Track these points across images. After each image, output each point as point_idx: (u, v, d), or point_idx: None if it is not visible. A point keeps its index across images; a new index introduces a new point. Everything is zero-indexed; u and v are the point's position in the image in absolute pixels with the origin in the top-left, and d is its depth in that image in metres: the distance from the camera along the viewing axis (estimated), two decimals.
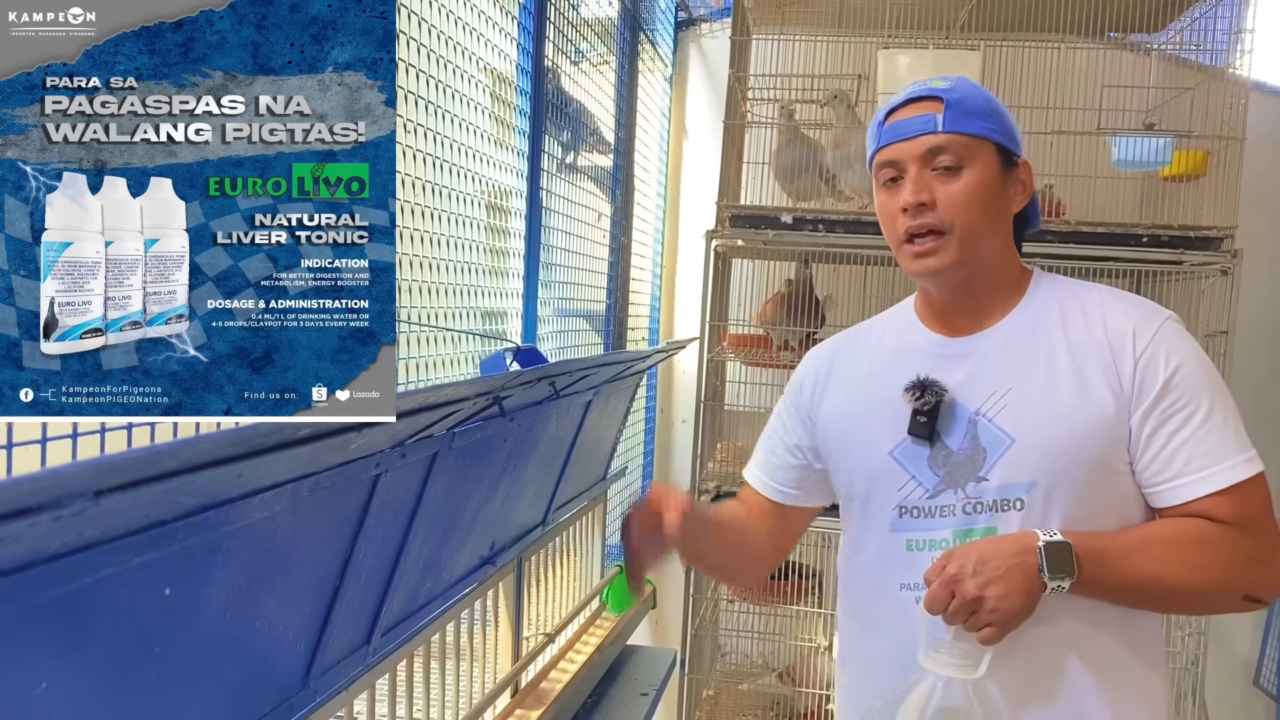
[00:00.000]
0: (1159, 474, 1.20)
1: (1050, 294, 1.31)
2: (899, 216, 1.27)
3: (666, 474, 3.63)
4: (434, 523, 1.30)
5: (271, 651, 0.98)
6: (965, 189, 1.24)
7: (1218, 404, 1.22)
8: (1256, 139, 2.79)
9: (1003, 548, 1.15)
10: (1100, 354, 1.23)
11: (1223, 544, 1.17)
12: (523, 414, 1.46)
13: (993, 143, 1.26)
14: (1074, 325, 1.26)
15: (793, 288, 2.87)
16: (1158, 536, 1.20)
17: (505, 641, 1.79)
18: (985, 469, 1.23)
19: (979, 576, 1.12)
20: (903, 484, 1.29)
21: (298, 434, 0.68)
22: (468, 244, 1.88)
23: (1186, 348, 1.23)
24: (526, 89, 2.09)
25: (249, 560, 0.86)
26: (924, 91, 1.28)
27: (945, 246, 1.25)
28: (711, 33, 3.53)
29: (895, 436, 1.29)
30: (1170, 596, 1.21)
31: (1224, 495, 1.18)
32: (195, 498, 0.67)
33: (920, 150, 1.25)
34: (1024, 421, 1.23)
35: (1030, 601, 1.13)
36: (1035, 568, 1.13)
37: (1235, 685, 3.29)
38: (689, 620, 2.88)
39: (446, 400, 0.97)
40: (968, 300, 1.31)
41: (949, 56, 2.65)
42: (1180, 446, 1.19)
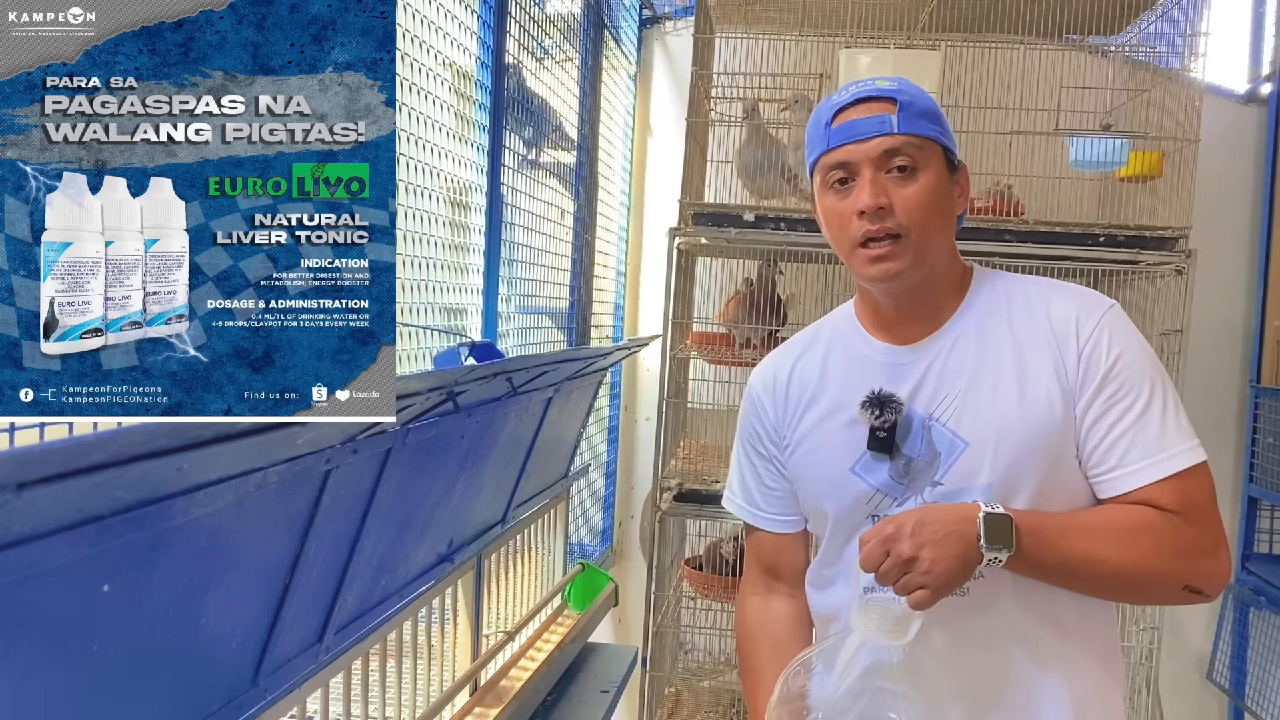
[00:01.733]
0: (1101, 463, 1.21)
1: (993, 291, 1.31)
2: (853, 220, 1.23)
3: (630, 471, 3.63)
4: (388, 520, 1.28)
5: (218, 649, 0.97)
6: (921, 192, 1.22)
7: (1159, 393, 1.21)
8: (1210, 141, 2.83)
9: (943, 514, 1.14)
10: (1046, 346, 1.23)
11: (1164, 531, 1.17)
12: (480, 410, 1.45)
13: (941, 146, 1.26)
14: (1019, 320, 1.26)
15: (754, 286, 2.88)
16: (1100, 520, 1.20)
17: (464, 639, 1.78)
18: (940, 473, 1.23)
19: (916, 538, 1.11)
20: (869, 497, 1.28)
21: (235, 428, 0.67)
22: (427, 239, 1.86)
23: (1128, 336, 1.24)
24: (487, 84, 2.08)
25: (194, 557, 0.85)
26: (873, 91, 1.25)
27: (903, 251, 1.22)
28: (675, 30, 3.53)
29: (855, 452, 1.28)
30: (1109, 580, 1.20)
31: (1166, 484, 1.18)
32: (132, 492, 0.65)
33: (875, 152, 1.22)
34: (976, 423, 1.22)
35: (965, 569, 1.13)
36: (974, 537, 1.12)
37: (1189, 680, 3.34)
38: (650, 618, 2.88)
39: (399, 394, 0.96)
40: (915, 305, 1.29)
41: (910, 56, 2.67)
42: (1121, 436, 1.19)
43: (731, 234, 2.74)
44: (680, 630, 3.23)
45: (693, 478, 2.85)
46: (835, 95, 1.29)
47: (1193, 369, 2.74)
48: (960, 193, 1.30)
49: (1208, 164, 2.85)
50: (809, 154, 1.32)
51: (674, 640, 3.21)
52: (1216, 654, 3.26)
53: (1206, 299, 3.06)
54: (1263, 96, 3.25)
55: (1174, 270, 2.63)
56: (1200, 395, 3.14)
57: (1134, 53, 3.03)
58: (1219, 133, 3.16)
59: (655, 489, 2.83)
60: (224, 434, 0.67)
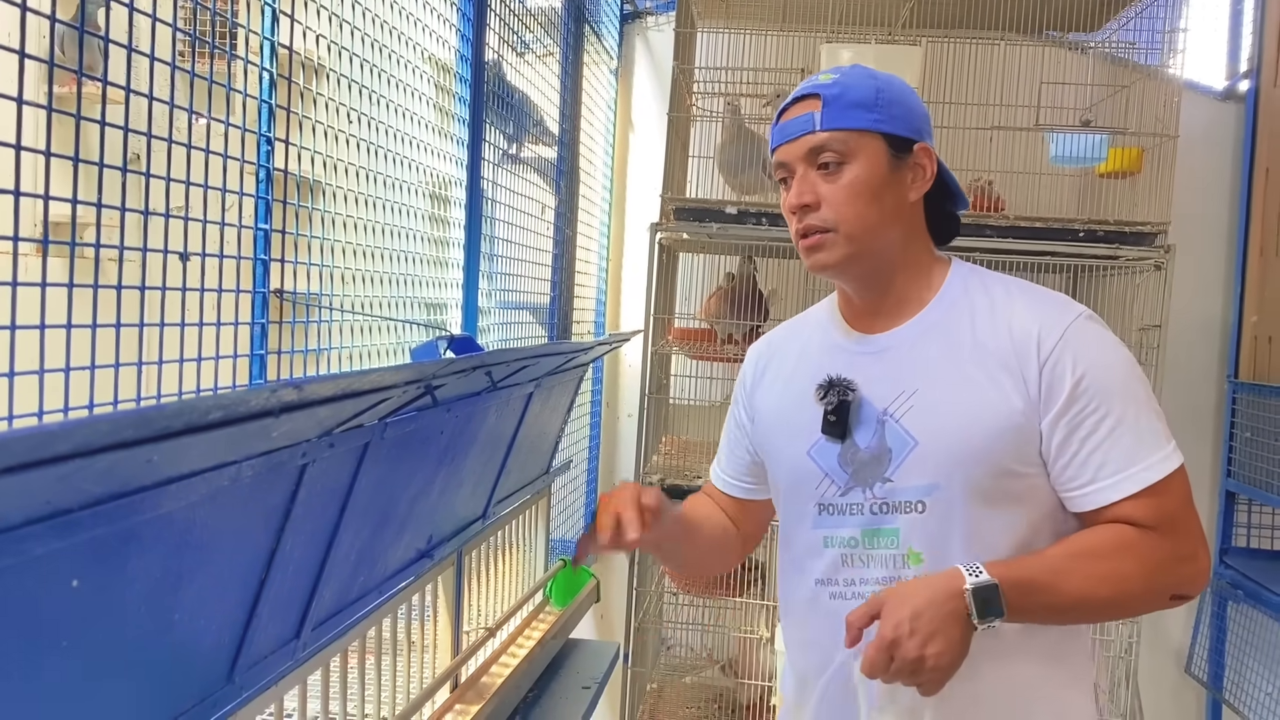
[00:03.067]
0: (1074, 480, 1.20)
1: (964, 289, 1.30)
2: (792, 216, 1.29)
3: (612, 467, 3.62)
4: (366, 515, 1.27)
5: (192, 646, 0.96)
6: (846, 186, 1.24)
7: (1130, 404, 1.19)
8: (1189, 137, 2.85)
9: (933, 597, 1.12)
10: (1006, 357, 1.21)
11: (1145, 549, 1.17)
12: (460, 405, 1.44)
13: (879, 134, 1.25)
14: (982, 326, 1.25)
15: (735, 282, 2.88)
16: (1080, 551, 1.18)
17: (445, 636, 1.77)
18: (890, 469, 1.24)
19: (916, 636, 1.10)
20: (818, 482, 1.30)
21: (206, 418, 0.66)
22: (408, 233, 1.85)
23: (1095, 348, 1.21)
24: (467, 78, 2.07)
25: (166, 551, 0.84)
26: (807, 89, 1.28)
27: (831, 244, 1.26)
28: (657, 25, 3.52)
29: (812, 436, 1.30)
30: (1098, 611, 1.21)
31: (1140, 498, 1.17)
32: (100, 484, 0.64)
33: (803, 150, 1.26)
34: (928, 424, 1.22)
35: (965, 649, 1.12)
36: (965, 613, 1.12)
37: (1168, 673, 3.36)
38: (632, 614, 2.88)
39: (374, 387, 0.95)
40: (879, 294, 1.31)
41: (891, 52, 2.67)
42: (1093, 452, 1.18)
43: (713, 229, 2.74)
44: (663, 626, 3.23)
45: (675, 473, 2.84)
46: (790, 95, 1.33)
47: (1171, 364, 2.76)
48: (919, 175, 1.28)
49: (1186, 160, 2.87)
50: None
51: (656, 636, 3.20)
52: (1195, 647, 3.28)
53: (1185, 294, 3.08)
54: (1240, 93, 3.27)
55: (1153, 265, 2.64)
56: (1179, 390, 3.16)
57: (1113, 49, 3.05)
58: (1198, 129, 3.18)
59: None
60: (195, 425, 0.66)
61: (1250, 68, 3.20)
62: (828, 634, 1.27)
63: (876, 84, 1.27)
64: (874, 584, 1.24)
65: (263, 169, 1.36)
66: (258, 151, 1.34)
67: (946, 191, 1.33)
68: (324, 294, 1.53)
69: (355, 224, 1.62)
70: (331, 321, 1.54)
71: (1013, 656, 1.23)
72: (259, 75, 1.35)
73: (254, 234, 1.35)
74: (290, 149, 1.41)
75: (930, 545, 1.22)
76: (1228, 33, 3.40)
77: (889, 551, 1.24)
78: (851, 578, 1.26)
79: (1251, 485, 3.01)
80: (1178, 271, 2.65)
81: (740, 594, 2.90)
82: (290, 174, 1.42)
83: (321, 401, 0.84)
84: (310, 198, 1.47)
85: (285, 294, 1.41)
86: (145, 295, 1.11)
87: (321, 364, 1.52)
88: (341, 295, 1.59)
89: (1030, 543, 1.22)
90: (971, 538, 1.21)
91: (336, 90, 1.55)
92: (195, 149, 1.18)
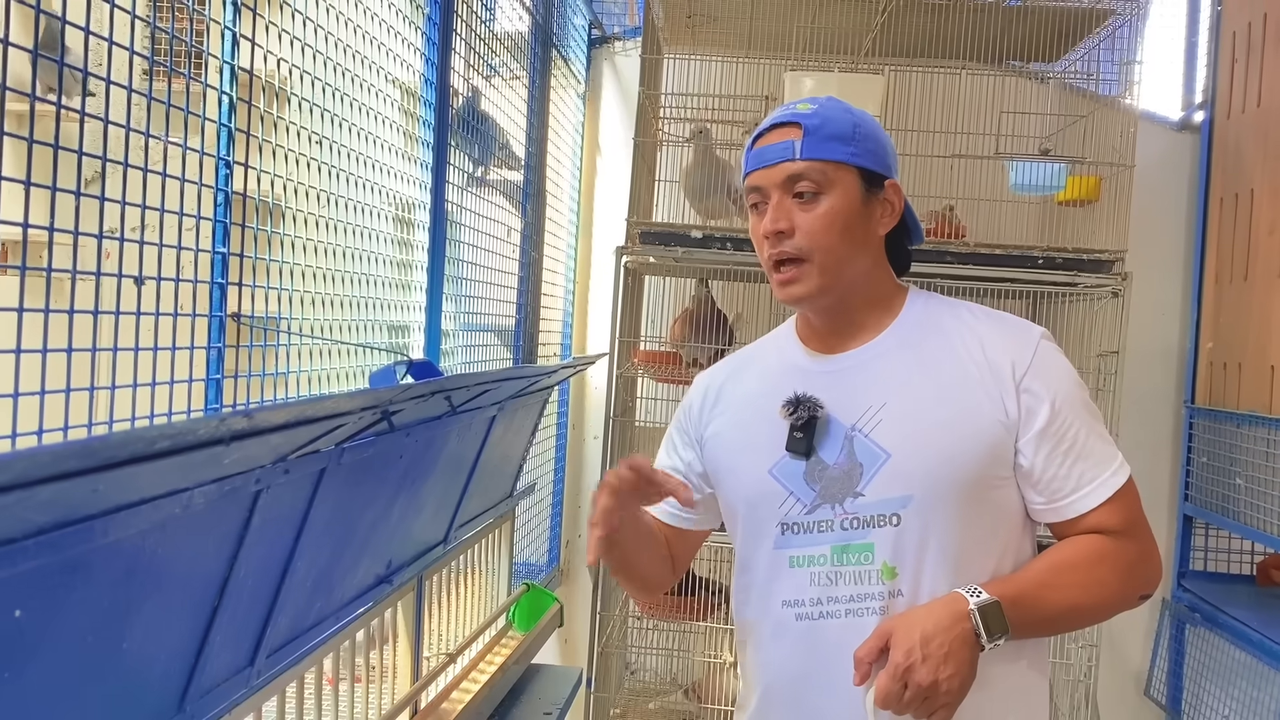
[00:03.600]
0: (1059, 491, 1.24)
1: (926, 310, 1.33)
2: (764, 242, 1.30)
3: (577, 491, 3.61)
4: (323, 541, 1.26)
5: (142, 674, 0.94)
6: (822, 217, 1.26)
7: (1091, 418, 1.26)
8: (1145, 166, 2.90)
9: (940, 621, 1.15)
10: (980, 373, 1.25)
11: (1118, 555, 1.23)
12: (420, 429, 1.44)
13: (854, 168, 1.27)
14: (953, 342, 1.28)
15: (695, 306, 2.89)
16: (1063, 562, 1.24)
17: (405, 662, 1.75)
18: (861, 484, 1.24)
19: (929, 661, 1.12)
20: (782, 501, 1.29)
21: (153, 448, 0.66)
22: (371, 256, 1.85)
23: (1060, 369, 1.27)
24: (432, 101, 2.07)
25: (114, 579, 0.83)
26: (787, 117, 1.29)
27: (806, 275, 1.27)
28: (625, 50, 3.54)
29: (774, 454, 1.30)
30: (1083, 617, 1.29)
31: (1111, 504, 1.24)
32: (44, 514, 0.64)
33: (780, 178, 1.27)
34: (900, 436, 1.24)
35: (974, 670, 1.15)
36: (973, 634, 1.15)
37: (1127, 696, 3.39)
38: (596, 638, 2.86)
39: (328, 414, 0.95)
40: (841, 320, 1.33)
41: (854, 80, 2.70)
42: (1075, 463, 1.24)
43: (679, 253, 2.75)
44: (627, 651, 3.22)
45: None
46: (765, 120, 1.34)
47: (1129, 389, 2.79)
48: (888, 211, 1.31)
49: (1143, 189, 2.92)
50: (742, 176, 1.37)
51: (620, 661, 3.19)
52: (1154, 670, 3.31)
53: (1142, 321, 3.12)
54: (1195, 124, 3.34)
55: (1111, 292, 2.68)
56: (1136, 415, 3.21)
57: (1072, 79, 3.11)
58: (1154, 158, 3.24)
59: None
60: (141, 454, 0.66)
61: (1205, 99, 3.27)
62: (796, 656, 1.27)
63: (853, 119, 1.29)
64: (844, 602, 1.24)
65: (221, 192, 1.35)
66: (216, 175, 1.34)
67: (905, 226, 1.36)
68: (284, 317, 1.52)
69: (317, 247, 1.62)
70: (290, 345, 1.53)
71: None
72: (218, 98, 1.34)
73: (211, 257, 1.35)
74: (250, 172, 1.40)
75: (904, 558, 1.22)
76: (1183, 65, 3.48)
77: (861, 568, 1.24)
78: (819, 597, 1.25)
79: (1208, 509, 3.05)
80: (1135, 298, 2.69)
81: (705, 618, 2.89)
82: (250, 197, 1.41)
83: (274, 429, 0.84)
84: (270, 221, 1.47)
85: (243, 318, 1.40)
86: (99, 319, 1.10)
87: (280, 388, 1.51)
88: (302, 319, 1.58)
89: (999, 553, 1.26)
90: (946, 549, 1.22)
91: (299, 114, 1.54)
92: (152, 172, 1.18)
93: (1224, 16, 3.18)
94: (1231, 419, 2.91)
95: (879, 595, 1.22)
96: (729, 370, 1.47)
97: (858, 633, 1.20)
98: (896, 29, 2.94)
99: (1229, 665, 2.87)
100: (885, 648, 1.16)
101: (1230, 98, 3.11)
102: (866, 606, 1.23)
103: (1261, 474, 2.68)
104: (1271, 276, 2.77)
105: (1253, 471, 2.74)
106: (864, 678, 1.17)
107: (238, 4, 1.35)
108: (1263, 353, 2.79)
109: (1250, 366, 2.88)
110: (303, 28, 1.53)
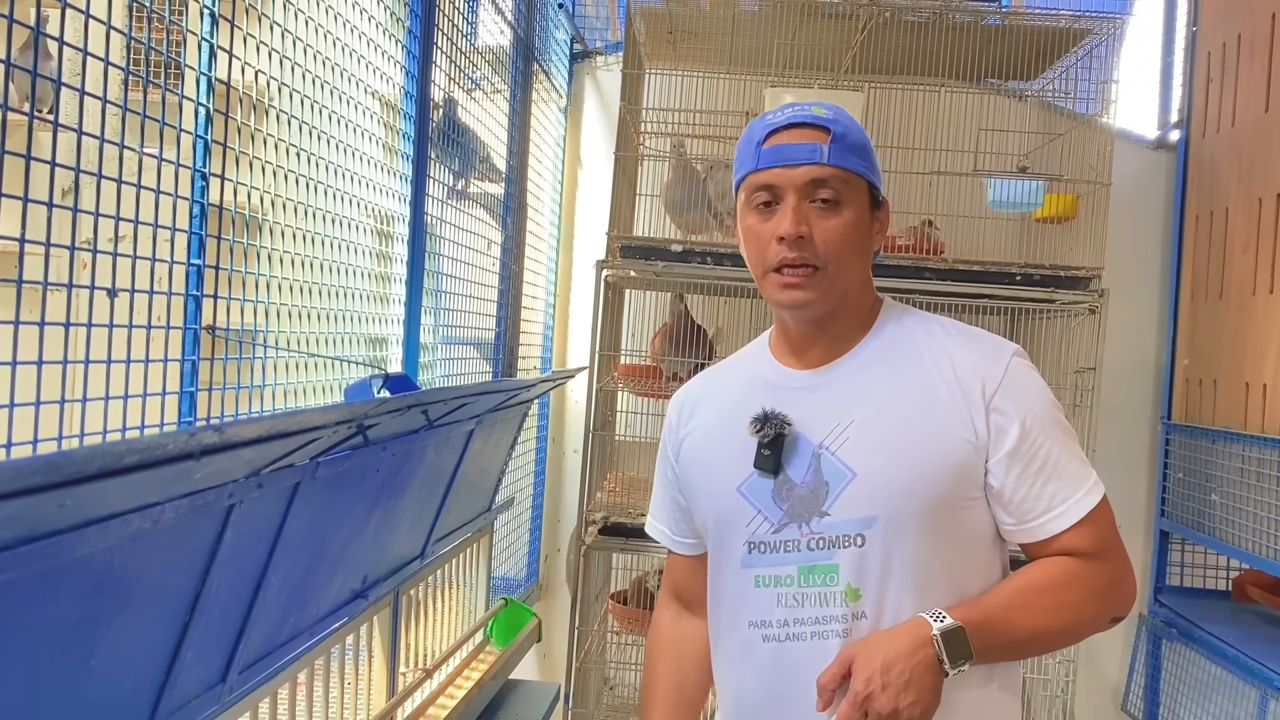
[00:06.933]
0: (1030, 512, 1.22)
1: (899, 326, 1.31)
2: (772, 244, 1.24)
3: (557, 504, 3.60)
4: (298, 555, 1.25)
5: (110, 691, 0.93)
6: (843, 226, 1.23)
7: (1064, 437, 1.24)
8: (1122, 184, 2.93)
9: (901, 648, 1.13)
10: (950, 391, 1.22)
11: (1088, 578, 1.20)
12: (396, 443, 1.43)
13: (866, 181, 1.27)
14: (921, 361, 1.26)
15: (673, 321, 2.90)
16: (1032, 585, 1.21)
17: (380, 677, 1.74)
18: (827, 503, 1.22)
19: (889, 689, 1.10)
20: (749, 519, 1.27)
21: (121, 462, 0.65)
22: (349, 269, 1.84)
23: (1032, 387, 1.24)
24: (412, 114, 2.07)
25: (82, 595, 0.82)
26: (809, 118, 1.25)
27: (816, 283, 1.24)
28: (606, 65, 3.55)
29: (743, 472, 1.28)
30: (1053, 641, 1.24)
31: (1083, 525, 1.21)
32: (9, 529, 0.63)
33: (803, 180, 1.23)
34: (867, 455, 1.22)
35: (938, 696, 1.13)
36: (936, 659, 1.13)
37: (1104, 711, 3.40)
38: (574, 653, 2.85)
39: (302, 427, 0.94)
40: (823, 332, 1.30)
41: (833, 97, 2.72)
42: (1046, 483, 1.21)
43: (659, 267, 2.75)
44: (605, 666, 3.20)
45: (618, 511, 2.83)
46: (771, 115, 1.28)
47: (1106, 405, 2.81)
48: (880, 229, 1.31)
49: (1120, 206, 2.95)
50: (736, 171, 1.31)
51: (599, 676, 3.18)
52: (1131, 685, 3.32)
53: (1119, 337, 3.15)
54: (1171, 142, 3.37)
55: (1088, 309, 2.70)
56: (1113, 431, 3.23)
57: (1050, 98, 3.13)
58: (1131, 177, 3.28)
59: (580, 522, 2.81)
60: (109, 469, 0.65)
61: (1180, 118, 3.31)
62: (764, 679, 1.26)
63: (863, 132, 1.29)
64: (809, 624, 1.22)
65: (197, 204, 1.34)
66: (192, 186, 1.33)
67: None
68: (260, 330, 1.51)
69: (294, 259, 1.61)
70: (266, 358, 1.52)
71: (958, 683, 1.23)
72: (194, 110, 1.34)
73: (186, 270, 1.34)
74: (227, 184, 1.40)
75: (868, 580, 1.20)
76: (1159, 84, 3.52)
77: (825, 589, 1.21)
78: (785, 618, 1.23)
79: (1184, 525, 3.07)
80: (1112, 315, 2.71)
81: None
82: (226, 209, 1.40)
83: (246, 443, 0.83)
84: (247, 233, 1.46)
85: (218, 330, 1.39)
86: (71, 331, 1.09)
87: (255, 401, 1.50)
88: (278, 331, 1.57)
89: (968, 574, 1.23)
90: (910, 571, 1.20)
91: (277, 126, 1.54)
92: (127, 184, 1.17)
93: (1199, 37, 3.22)
94: (1207, 435, 2.94)
95: (842, 618, 1.20)
96: (704, 384, 1.45)
97: (823, 656, 1.19)
98: (876, 46, 2.96)
99: (1205, 680, 2.88)
100: (848, 674, 1.15)
101: (1205, 117, 3.15)
102: (830, 629, 1.21)
103: (1237, 490, 2.70)
104: (1246, 294, 2.80)
105: (1228, 488, 2.76)
106: (827, 704, 1.15)
107: (215, 15, 1.34)
108: (1238, 369, 2.81)
109: (1225, 383, 2.90)
110: (281, 40, 1.52)
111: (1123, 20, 2.84)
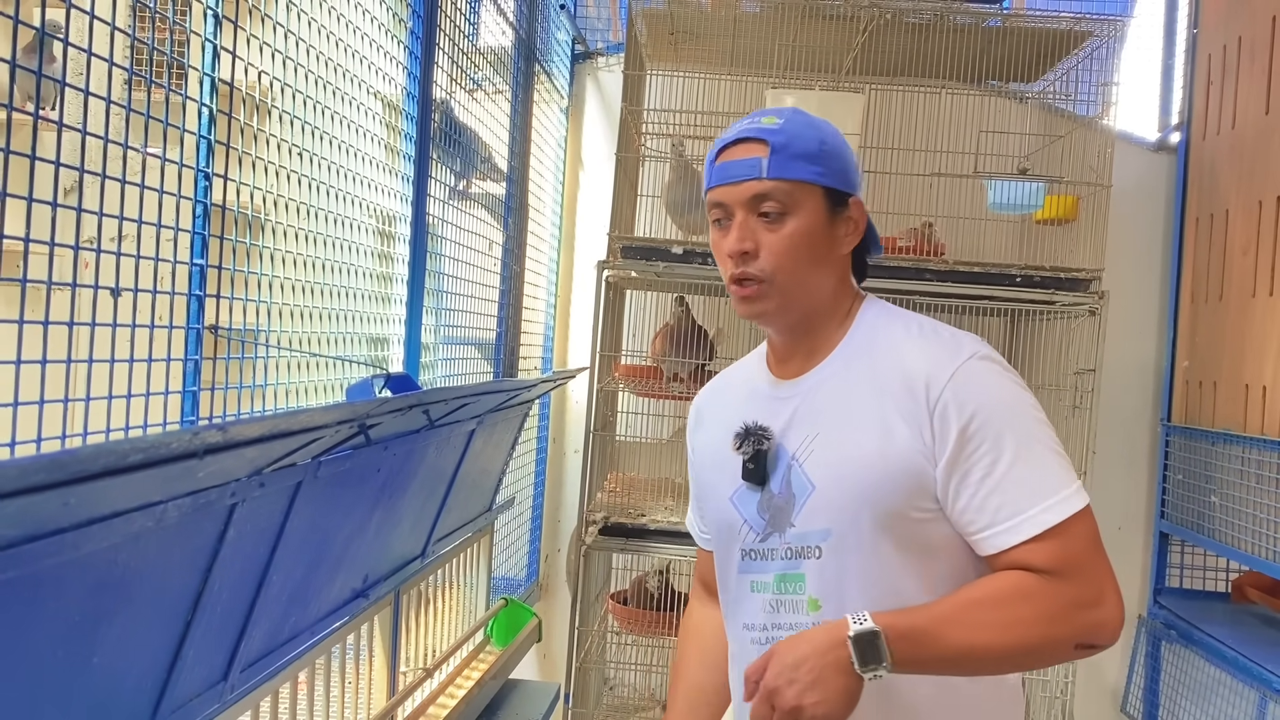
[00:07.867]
0: (973, 524, 1.16)
1: (870, 330, 1.29)
2: (727, 260, 1.27)
3: (557, 505, 3.61)
4: (299, 554, 1.26)
5: (112, 689, 0.93)
6: (787, 238, 1.23)
7: (1024, 445, 1.15)
8: (1122, 186, 2.93)
9: (816, 646, 1.10)
10: (899, 400, 1.19)
11: (1042, 596, 1.11)
12: (397, 443, 1.43)
13: (819, 186, 1.24)
14: (879, 367, 1.23)
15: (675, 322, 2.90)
16: (975, 599, 1.13)
17: (381, 676, 1.74)
18: (794, 514, 1.24)
19: (795, 685, 1.08)
20: (740, 527, 1.30)
21: (125, 461, 0.65)
22: (351, 269, 1.84)
23: (985, 388, 1.17)
24: (414, 114, 2.07)
25: (85, 593, 0.82)
26: (752, 132, 1.25)
27: (765, 294, 1.25)
28: (608, 66, 3.56)
29: (735, 482, 1.31)
30: (997, 661, 1.14)
31: (1040, 541, 1.12)
32: (14, 527, 0.63)
33: (745, 196, 1.24)
34: (825, 467, 1.22)
35: (850, 698, 1.09)
36: (848, 661, 1.08)
37: (1104, 713, 3.40)
38: (574, 653, 2.85)
39: (304, 427, 0.94)
40: (801, 341, 1.31)
41: (834, 98, 2.72)
42: (990, 495, 1.14)
43: (660, 268, 2.76)
44: (605, 666, 3.20)
45: (618, 511, 2.84)
46: (727, 131, 1.29)
47: (1106, 407, 2.82)
48: (851, 229, 1.28)
49: (1120, 208, 2.96)
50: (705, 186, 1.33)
51: (599, 676, 3.18)
52: (1130, 687, 3.32)
53: (1119, 339, 3.16)
54: (1172, 144, 3.38)
55: (1088, 311, 2.70)
56: (1113, 433, 3.23)
57: (1050, 100, 3.14)
58: (1131, 179, 3.28)
59: (581, 523, 2.81)
60: (113, 468, 0.65)
61: (1181, 120, 3.31)
62: None
63: (820, 135, 1.25)
64: (786, 629, 1.24)
65: (200, 204, 1.35)
66: (195, 186, 1.33)
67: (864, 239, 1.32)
68: (262, 330, 1.51)
69: (296, 259, 1.61)
70: (268, 358, 1.53)
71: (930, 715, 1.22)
72: (198, 110, 1.34)
73: (189, 269, 1.34)
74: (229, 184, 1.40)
75: (827, 592, 1.21)
76: (1159, 86, 3.52)
77: (795, 597, 1.24)
78: (767, 623, 1.27)
79: (1184, 527, 3.07)
80: (1112, 317, 2.71)
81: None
82: (229, 209, 1.41)
83: (249, 442, 0.83)
84: (249, 233, 1.46)
85: (220, 330, 1.40)
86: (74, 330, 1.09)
87: (257, 400, 1.51)
88: (280, 331, 1.57)
89: (932, 587, 1.19)
90: (868, 584, 1.19)
91: (280, 126, 1.54)
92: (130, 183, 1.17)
93: (1200, 39, 3.23)
94: (1207, 437, 2.94)
95: (809, 625, 1.20)
96: (712, 391, 1.48)
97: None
98: (877, 48, 2.96)
99: (1204, 682, 2.88)
100: None
101: (1206, 119, 3.15)
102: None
103: (1236, 491, 2.71)
104: (1246, 296, 2.80)
105: (1227, 489, 2.77)
106: (750, 694, 1.14)
107: (219, 16, 1.35)
108: (1237, 371, 2.82)
109: (1225, 385, 2.91)
110: (284, 40, 1.53)
111: (1123, 22, 2.84)
